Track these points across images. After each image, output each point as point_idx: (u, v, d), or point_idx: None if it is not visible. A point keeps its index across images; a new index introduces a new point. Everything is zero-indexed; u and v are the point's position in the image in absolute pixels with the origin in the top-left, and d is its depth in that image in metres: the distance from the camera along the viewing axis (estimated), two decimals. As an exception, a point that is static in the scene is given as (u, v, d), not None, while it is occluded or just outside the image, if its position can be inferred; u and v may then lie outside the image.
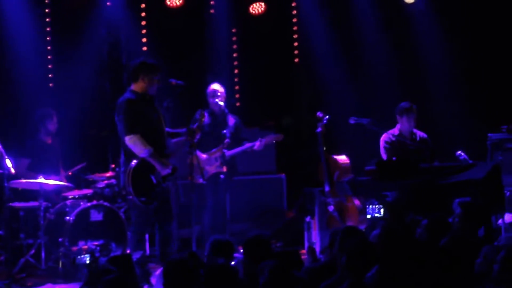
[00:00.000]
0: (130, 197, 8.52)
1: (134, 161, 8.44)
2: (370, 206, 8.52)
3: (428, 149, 10.01)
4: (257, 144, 10.11)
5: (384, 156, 10.00)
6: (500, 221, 8.98)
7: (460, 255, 5.88)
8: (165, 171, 8.41)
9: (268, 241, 6.63)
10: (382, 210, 8.73)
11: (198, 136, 8.85)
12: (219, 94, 10.14)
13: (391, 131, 10.06)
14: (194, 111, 9.60)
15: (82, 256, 8.76)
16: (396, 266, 5.53)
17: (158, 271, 8.24)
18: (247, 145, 10.16)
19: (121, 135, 8.51)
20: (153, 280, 8.17)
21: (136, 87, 8.55)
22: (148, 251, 10.19)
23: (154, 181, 8.43)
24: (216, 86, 10.24)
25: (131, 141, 8.40)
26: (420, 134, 10.17)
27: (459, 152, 9.81)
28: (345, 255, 5.59)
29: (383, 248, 5.74)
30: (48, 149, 10.40)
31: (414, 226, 7.00)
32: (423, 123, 10.47)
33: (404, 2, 12.52)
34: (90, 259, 6.55)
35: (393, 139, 10.02)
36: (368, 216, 8.90)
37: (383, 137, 10.05)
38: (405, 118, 10.00)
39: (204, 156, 9.99)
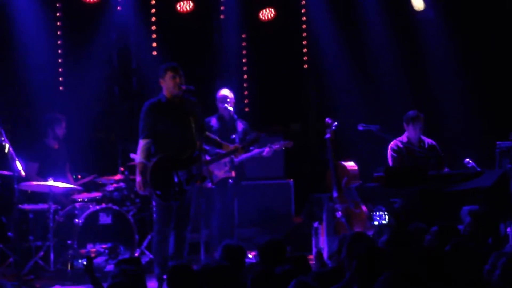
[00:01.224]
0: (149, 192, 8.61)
1: (159, 155, 8.53)
2: (377, 213, 8.54)
3: (437, 156, 10.04)
4: (266, 151, 10.14)
5: (391, 164, 10.01)
6: (508, 229, 8.98)
7: (467, 262, 5.89)
8: (138, 188, 8.47)
9: (284, 245, 6.68)
10: (387, 217, 8.77)
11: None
12: (228, 100, 10.18)
13: (399, 138, 10.09)
14: (203, 115, 9.66)
15: (80, 260, 8.86)
16: (405, 272, 5.54)
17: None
18: (256, 151, 10.18)
19: None
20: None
21: (164, 90, 8.66)
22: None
23: (176, 179, 8.45)
24: (226, 92, 10.28)
25: (139, 145, 8.52)
26: (428, 141, 10.19)
27: (467, 159, 9.83)
28: (355, 260, 5.60)
29: (391, 254, 5.76)
30: (55, 154, 10.42)
31: (418, 234, 7.01)
32: (431, 130, 10.50)
33: (413, 9, 12.54)
34: (86, 262, 6.57)
35: (401, 146, 10.05)
36: (375, 223, 8.94)
37: (391, 145, 10.09)
38: (411, 126, 10.05)
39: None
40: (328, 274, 6.40)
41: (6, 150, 9.04)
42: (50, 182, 9.63)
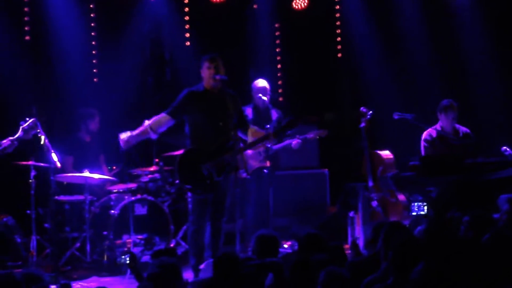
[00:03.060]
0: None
1: (185, 149, 8.58)
2: (415, 204, 8.47)
3: (472, 144, 9.94)
4: (294, 143, 10.12)
5: (423, 154, 9.93)
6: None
7: (505, 251, 5.81)
8: (121, 143, 8.60)
9: (322, 238, 6.65)
10: (425, 208, 8.69)
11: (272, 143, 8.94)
12: (265, 91, 10.18)
13: (433, 127, 10.01)
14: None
15: (124, 256, 8.90)
16: (441, 263, 5.48)
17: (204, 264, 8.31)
18: (286, 142, 10.17)
19: None
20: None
21: (203, 80, 8.68)
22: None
23: (205, 172, 8.45)
24: (263, 83, 10.27)
25: (159, 115, 8.66)
26: (463, 129, 10.10)
27: (505, 147, 9.72)
28: (391, 251, 5.56)
29: (428, 244, 5.71)
30: (87, 147, 10.50)
31: (455, 222, 6.95)
32: (467, 118, 10.40)
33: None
34: (130, 259, 6.60)
35: (434, 136, 9.96)
36: (413, 214, 8.87)
37: (424, 135, 10.01)
38: (444, 115, 9.98)
39: (250, 151, 10.02)
40: (364, 263, 6.38)
41: (42, 142, 9.08)
42: (86, 174, 9.69)
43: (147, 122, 8.60)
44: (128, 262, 6.57)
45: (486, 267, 5.61)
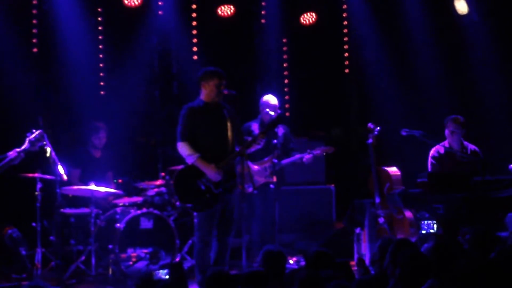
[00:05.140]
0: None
1: (180, 167, 8.53)
2: (425, 222, 8.42)
3: (480, 161, 9.89)
4: (306, 157, 10.07)
5: (430, 171, 9.89)
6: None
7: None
8: (215, 177, 8.41)
9: (330, 255, 6.63)
10: (435, 226, 8.64)
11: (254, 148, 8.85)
12: (273, 107, 10.13)
13: (441, 144, 9.98)
14: (244, 120, 9.63)
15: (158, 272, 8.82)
16: (449, 280, 5.45)
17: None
18: (297, 156, 10.13)
19: None
20: None
21: (202, 95, 8.64)
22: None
23: (203, 187, 8.43)
24: (272, 100, 10.21)
25: (180, 148, 8.51)
26: (471, 147, 10.07)
27: (512, 165, 9.70)
28: (399, 268, 5.53)
29: (437, 261, 5.67)
30: (96, 162, 10.45)
31: (463, 240, 6.92)
32: (475, 135, 10.36)
33: (457, 13, 12.39)
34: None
35: (442, 153, 9.94)
36: (423, 232, 8.81)
37: (431, 152, 9.99)
38: (450, 132, 9.96)
39: (256, 167, 10.00)
40: (371, 281, 6.33)
41: (48, 154, 9.07)
42: (92, 187, 9.66)
43: (190, 158, 8.46)
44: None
45: (495, 285, 5.58)
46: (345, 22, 13.14)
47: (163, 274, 6.57)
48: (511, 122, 12.20)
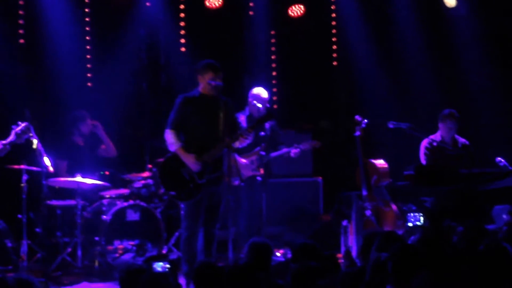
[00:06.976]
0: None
1: (166, 156, 8.58)
2: (411, 214, 8.43)
3: (469, 155, 9.92)
4: (293, 152, 10.07)
5: (424, 162, 9.93)
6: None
7: (502, 261, 5.79)
8: (194, 167, 8.42)
9: (317, 248, 6.63)
10: (422, 218, 8.65)
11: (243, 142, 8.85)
12: (263, 100, 10.10)
13: (432, 136, 10.00)
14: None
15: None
16: (438, 272, 5.46)
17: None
18: (284, 150, 10.13)
19: None
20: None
21: (199, 87, 8.64)
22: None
23: (187, 177, 8.44)
24: (262, 92, 10.18)
25: (166, 134, 8.57)
26: (462, 140, 10.10)
27: (499, 158, 9.71)
28: (390, 261, 5.51)
29: (427, 253, 5.67)
30: (81, 151, 10.40)
31: (451, 232, 6.93)
32: (463, 128, 10.37)
33: (445, 6, 12.39)
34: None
35: (434, 144, 9.95)
36: (410, 224, 8.82)
37: (424, 142, 10.01)
38: (444, 125, 10.00)
39: (243, 160, 9.99)
40: (357, 273, 6.32)
41: (35, 146, 9.03)
42: (78, 178, 9.62)
43: (172, 147, 8.49)
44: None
45: (486, 276, 5.59)
46: (333, 15, 13.10)
47: (159, 266, 6.54)
48: (498, 115, 12.21)
